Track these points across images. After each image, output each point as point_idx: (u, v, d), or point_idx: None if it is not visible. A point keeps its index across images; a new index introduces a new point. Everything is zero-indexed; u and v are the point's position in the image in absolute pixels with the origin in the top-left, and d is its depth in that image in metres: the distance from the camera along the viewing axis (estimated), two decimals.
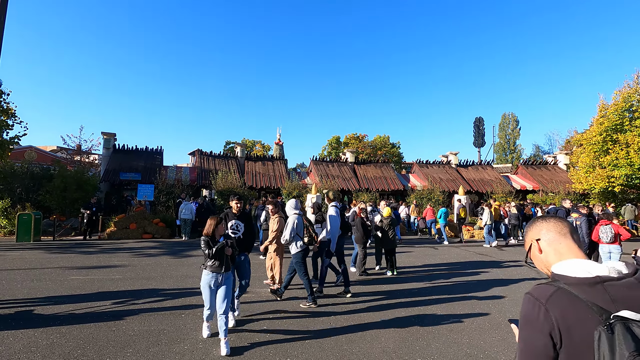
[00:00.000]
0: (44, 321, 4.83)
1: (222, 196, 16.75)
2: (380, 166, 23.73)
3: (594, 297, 1.06)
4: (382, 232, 8.37)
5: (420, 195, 19.45)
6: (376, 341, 4.41)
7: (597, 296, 1.06)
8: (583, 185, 18.88)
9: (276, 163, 22.58)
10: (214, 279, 4.12)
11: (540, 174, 23.40)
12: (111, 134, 20.20)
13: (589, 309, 1.05)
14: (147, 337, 4.39)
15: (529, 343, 1.13)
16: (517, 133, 48.30)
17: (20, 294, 6.11)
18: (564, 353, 1.07)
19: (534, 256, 1.34)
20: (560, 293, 1.10)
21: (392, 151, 43.48)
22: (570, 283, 1.12)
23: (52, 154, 26.21)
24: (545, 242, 1.29)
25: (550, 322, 1.08)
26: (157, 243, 13.00)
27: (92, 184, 17.05)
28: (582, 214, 8.34)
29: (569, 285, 1.12)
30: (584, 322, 1.04)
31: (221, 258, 4.10)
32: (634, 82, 18.40)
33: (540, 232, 1.32)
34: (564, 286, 1.12)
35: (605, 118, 18.42)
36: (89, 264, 8.80)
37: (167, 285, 6.87)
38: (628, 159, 16.95)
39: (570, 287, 1.11)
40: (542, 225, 1.32)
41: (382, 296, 6.44)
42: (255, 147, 49.27)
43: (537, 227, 1.34)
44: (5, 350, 3.95)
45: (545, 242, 1.29)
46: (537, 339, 1.11)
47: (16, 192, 15.66)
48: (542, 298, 1.11)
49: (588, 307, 1.05)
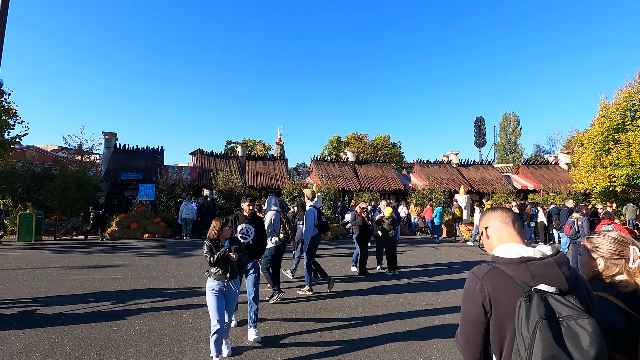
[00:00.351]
0: (45, 321, 4.84)
1: (223, 196, 16.76)
2: (381, 166, 23.72)
3: (519, 274, 1.29)
4: (383, 231, 8.37)
5: (421, 195, 19.44)
6: (377, 341, 4.40)
7: (521, 273, 1.29)
8: (584, 185, 18.85)
9: (277, 163, 22.58)
10: (219, 287, 3.75)
11: (541, 174, 23.36)
12: (112, 133, 20.21)
13: (515, 284, 1.28)
14: (149, 336, 4.39)
15: (467, 311, 1.38)
16: (518, 133, 48.21)
17: (22, 293, 6.13)
18: (493, 319, 1.30)
19: (484, 241, 1.56)
20: (494, 271, 1.34)
21: (393, 151, 43.46)
22: (502, 263, 1.36)
23: (53, 154, 26.25)
24: (492, 229, 1.51)
25: (483, 294, 1.31)
26: (158, 243, 13.01)
27: (93, 184, 17.07)
28: (583, 214, 8.32)
29: (501, 264, 1.35)
30: (510, 294, 1.27)
31: (226, 264, 3.75)
32: (635, 82, 18.36)
33: (489, 221, 1.53)
34: (498, 265, 1.36)
35: (606, 117, 18.37)
36: (90, 263, 8.81)
37: (168, 285, 6.87)
38: (629, 158, 16.91)
39: (502, 266, 1.34)
40: (491, 215, 1.55)
41: (382, 296, 6.44)
42: (256, 147, 49.30)
43: (486, 217, 1.56)
44: (7, 349, 3.95)
45: (492, 229, 1.51)
46: (473, 308, 1.34)
47: (17, 191, 15.70)
48: (479, 275, 1.35)
49: (514, 282, 1.28)
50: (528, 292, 1.23)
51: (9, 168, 16.13)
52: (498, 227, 1.49)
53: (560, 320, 1.14)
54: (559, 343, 1.10)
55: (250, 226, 4.73)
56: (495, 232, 1.50)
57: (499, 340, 1.30)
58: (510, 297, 1.26)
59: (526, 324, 1.16)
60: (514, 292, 1.26)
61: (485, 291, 1.30)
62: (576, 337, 1.10)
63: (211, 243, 3.78)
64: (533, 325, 1.14)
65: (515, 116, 48.89)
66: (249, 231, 4.71)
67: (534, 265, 1.29)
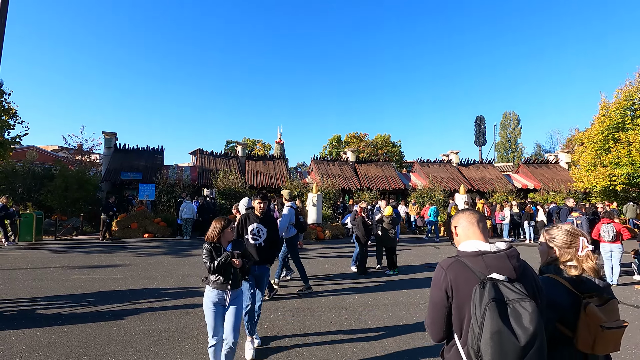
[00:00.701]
0: (45, 320, 4.85)
1: (223, 195, 16.77)
2: (381, 165, 23.72)
3: (476, 265, 1.53)
4: (383, 230, 8.37)
5: (421, 194, 19.44)
6: (377, 340, 4.41)
7: (478, 264, 1.52)
8: (584, 184, 18.83)
9: (277, 162, 22.58)
10: (218, 297, 3.27)
11: (541, 173, 23.34)
12: (112, 133, 20.22)
13: (473, 273, 1.52)
14: (149, 336, 4.40)
15: (433, 296, 1.63)
16: (518, 132, 48.17)
17: (22, 293, 6.14)
18: (455, 303, 1.53)
19: (455, 238, 1.78)
20: (456, 263, 1.58)
21: (393, 150, 43.46)
22: (464, 256, 1.60)
23: (53, 154, 26.26)
24: (460, 228, 1.73)
25: (446, 282, 1.55)
26: (158, 242, 13.02)
27: (93, 184, 17.08)
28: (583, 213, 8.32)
29: (463, 257, 1.59)
30: (468, 282, 1.50)
31: (227, 272, 3.28)
32: (635, 80, 18.35)
33: (458, 221, 1.75)
34: (460, 258, 1.60)
35: (606, 116, 18.36)
36: (90, 263, 8.82)
37: (169, 285, 6.88)
38: (630, 157, 16.90)
39: (463, 259, 1.58)
40: (460, 216, 1.76)
41: (382, 295, 6.45)
42: (256, 147, 49.29)
43: (456, 217, 1.78)
44: (8, 349, 3.96)
45: (460, 228, 1.73)
46: (438, 294, 1.58)
47: (18, 191, 15.72)
48: (444, 266, 1.59)
49: (472, 271, 1.52)
50: (482, 279, 1.46)
51: (10, 168, 16.14)
52: (465, 226, 1.71)
53: (507, 303, 1.37)
54: (504, 321, 1.33)
55: (262, 226, 4.40)
56: (462, 230, 1.72)
57: (459, 320, 1.53)
58: (468, 284, 1.49)
59: (479, 306, 1.38)
60: (471, 280, 1.50)
61: (448, 279, 1.55)
62: (519, 316, 1.34)
63: (211, 247, 3.30)
64: (484, 306, 1.37)
65: (516, 115, 48.86)
66: (261, 232, 4.38)
67: (488, 257, 1.52)
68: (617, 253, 7.34)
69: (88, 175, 17.47)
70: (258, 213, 4.44)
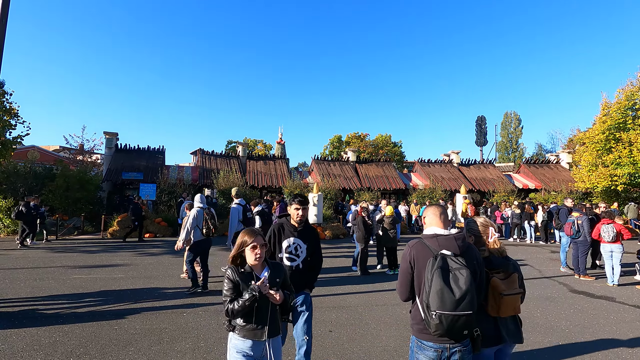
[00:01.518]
0: (46, 320, 4.87)
1: (224, 195, 16.79)
2: (382, 165, 23.71)
3: (432, 244, 2.09)
4: (383, 230, 8.37)
5: (422, 194, 19.42)
6: (377, 340, 4.42)
7: (433, 243, 2.09)
8: (586, 184, 18.78)
9: (278, 162, 22.58)
10: (253, 351, 2.19)
11: (542, 173, 23.29)
12: (113, 133, 20.25)
13: (429, 249, 2.07)
14: (149, 335, 4.41)
15: (402, 267, 2.20)
16: (519, 132, 48.11)
17: (23, 292, 6.16)
18: (415, 271, 2.10)
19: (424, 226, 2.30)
20: (418, 242, 2.15)
21: (394, 150, 43.44)
22: (424, 237, 2.16)
23: (54, 154, 26.31)
24: (427, 218, 2.27)
25: (410, 256, 2.12)
26: (158, 242, 13.04)
27: (94, 184, 17.11)
28: (583, 213, 8.30)
29: (424, 238, 2.15)
30: (425, 256, 2.06)
31: (263, 313, 2.20)
32: (637, 80, 18.30)
33: (426, 213, 2.29)
34: (422, 239, 2.16)
35: (608, 116, 18.32)
36: (91, 263, 8.84)
37: (169, 285, 6.89)
38: (631, 157, 16.87)
39: (424, 239, 2.14)
40: (428, 209, 2.29)
41: (383, 295, 6.45)
42: (257, 147, 49.32)
43: (426, 211, 2.31)
44: (8, 348, 3.98)
45: (427, 218, 2.27)
46: (405, 265, 2.15)
47: (19, 191, 15.74)
48: (410, 245, 2.17)
49: (429, 248, 2.08)
50: (435, 254, 2.02)
51: (11, 168, 16.17)
52: (430, 217, 2.25)
53: (450, 270, 1.95)
54: (446, 282, 1.91)
55: (301, 242, 3.22)
56: (428, 220, 2.25)
57: (418, 284, 2.08)
58: (425, 257, 2.05)
59: (430, 272, 1.97)
60: (427, 254, 2.05)
61: (412, 254, 2.12)
62: (457, 279, 1.91)
63: (236, 274, 2.21)
64: (433, 272, 1.95)
65: (517, 115, 48.81)
66: (299, 249, 3.21)
67: (441, 238, 2.08)
68: (618, 253, 7.32)
69: (89, 175, 17.51)
70: (296, 223, 3.24)
